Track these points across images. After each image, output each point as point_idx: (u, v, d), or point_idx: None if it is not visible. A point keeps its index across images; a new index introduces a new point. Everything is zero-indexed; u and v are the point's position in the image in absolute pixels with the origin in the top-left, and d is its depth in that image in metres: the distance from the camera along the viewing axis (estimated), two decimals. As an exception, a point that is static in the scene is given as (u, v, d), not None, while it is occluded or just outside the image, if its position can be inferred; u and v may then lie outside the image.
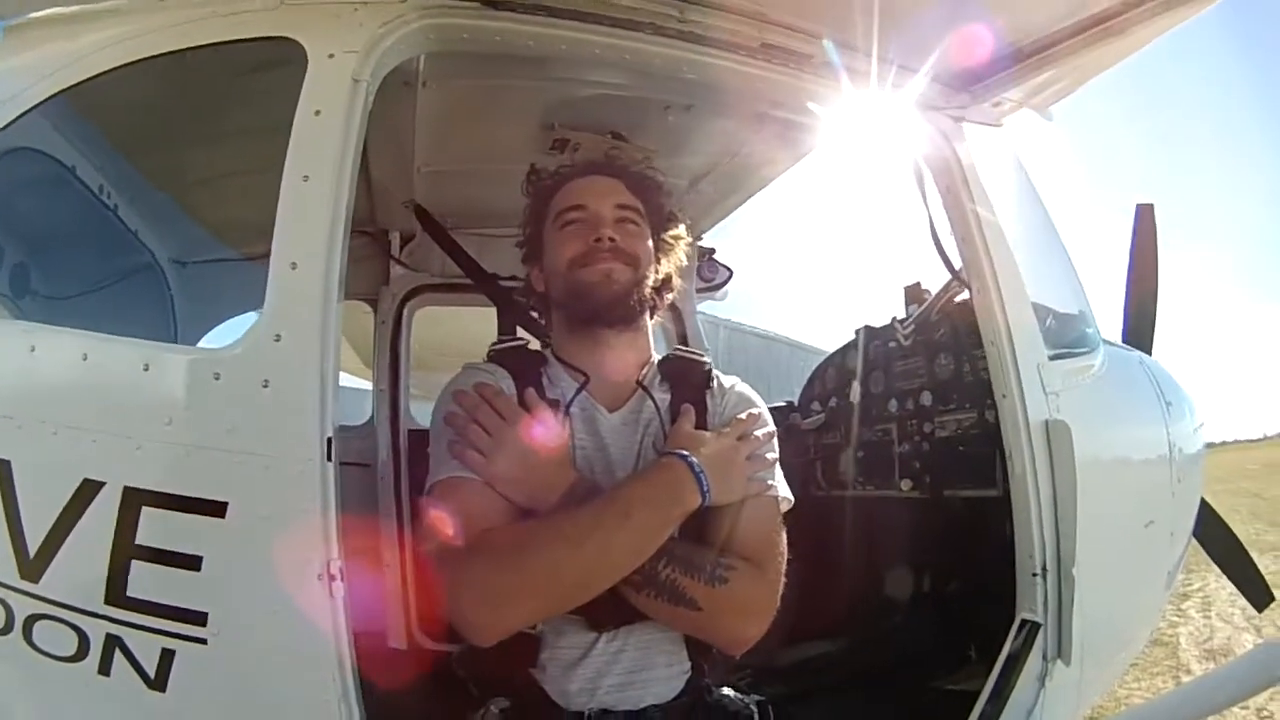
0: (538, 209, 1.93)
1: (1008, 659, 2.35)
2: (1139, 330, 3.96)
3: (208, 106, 2.40)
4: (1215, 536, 3.96)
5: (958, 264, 2.73)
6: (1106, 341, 3.07)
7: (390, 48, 1.83)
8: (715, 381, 1.90)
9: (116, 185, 2.49)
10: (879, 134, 2.62)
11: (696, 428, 1.77)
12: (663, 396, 1.83)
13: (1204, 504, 3.66)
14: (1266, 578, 4.24)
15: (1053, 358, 2.54)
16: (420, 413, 3.76)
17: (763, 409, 1.89)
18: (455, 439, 1.62)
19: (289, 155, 1.71)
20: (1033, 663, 2.34)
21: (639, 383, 1.83)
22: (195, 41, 1.83)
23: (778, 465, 1.81)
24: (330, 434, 1.60)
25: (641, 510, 1.55)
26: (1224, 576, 4.45)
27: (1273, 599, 4.31)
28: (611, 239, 1.79)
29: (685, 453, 1.63)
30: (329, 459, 1.58)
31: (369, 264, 3.78)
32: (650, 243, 1.89)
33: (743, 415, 1.80)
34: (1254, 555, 4.31)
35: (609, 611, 1.61)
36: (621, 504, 1.55)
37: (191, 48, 1.83)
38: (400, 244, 3.75)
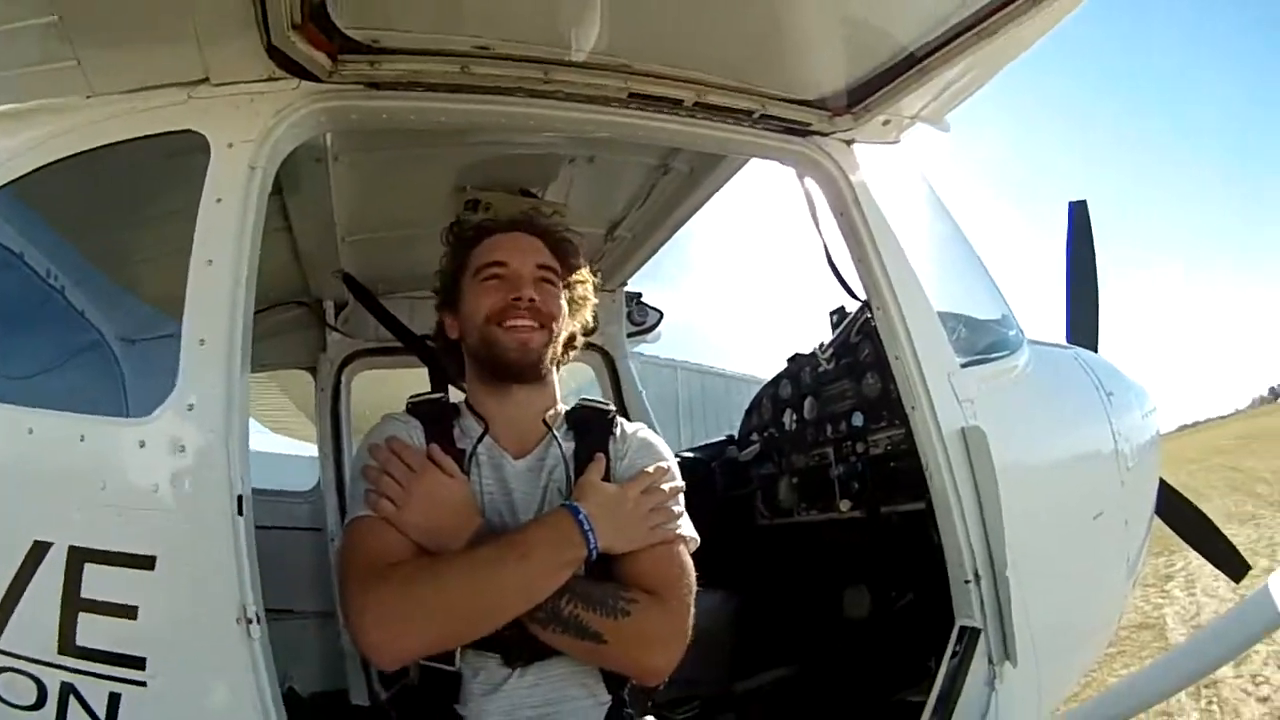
0: (458, 258, 2.21)
1: (950, 666, 2.55)
2: (1081, 327, 4.28)
3: (136, 191, 2.76)
4: (1182, 515, 4.25)
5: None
6: (1035, 341, 3.33)
7: (284, 134, 2.16)
8: (619, 429, 2.16)
9: (62, 268, 2.78)
10: (771, 165, 2.91)
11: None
12: (568, 444, 2.09)
13: (1165, 485, 3.92)
14: (1247, 547, 4.48)
15: (966, 365, 2.78)
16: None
17: (667, 455, 2.14)
18: (370, 488, 1.91)
19: (195, 241, 2.03)
20: (978, 667, 2.55)
21: (546, 429, 2.11)
22: (115, 137, 2.16)
23: (682, 509, 2.04)
24: (241, 491, 1.91)
25: (537, 551, 1.79)
26: None
27: (1248, 569, 4.59)
28: (531, 299, 2.06)
29: (577, 506, 1.87)
30: (240, 513, 1.89)
31: (306, 333, 4.16)
32: (564, 303, 2.17)
33: (650, 468, 2.03)
34: (1235, 526, 4.59)
35: (520, 646, 1.86)
36: (520, 546, 1.80)
37: (112, 143, 2.17)
38: (335, 312, 4.13)
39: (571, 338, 2.25)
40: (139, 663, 1.83)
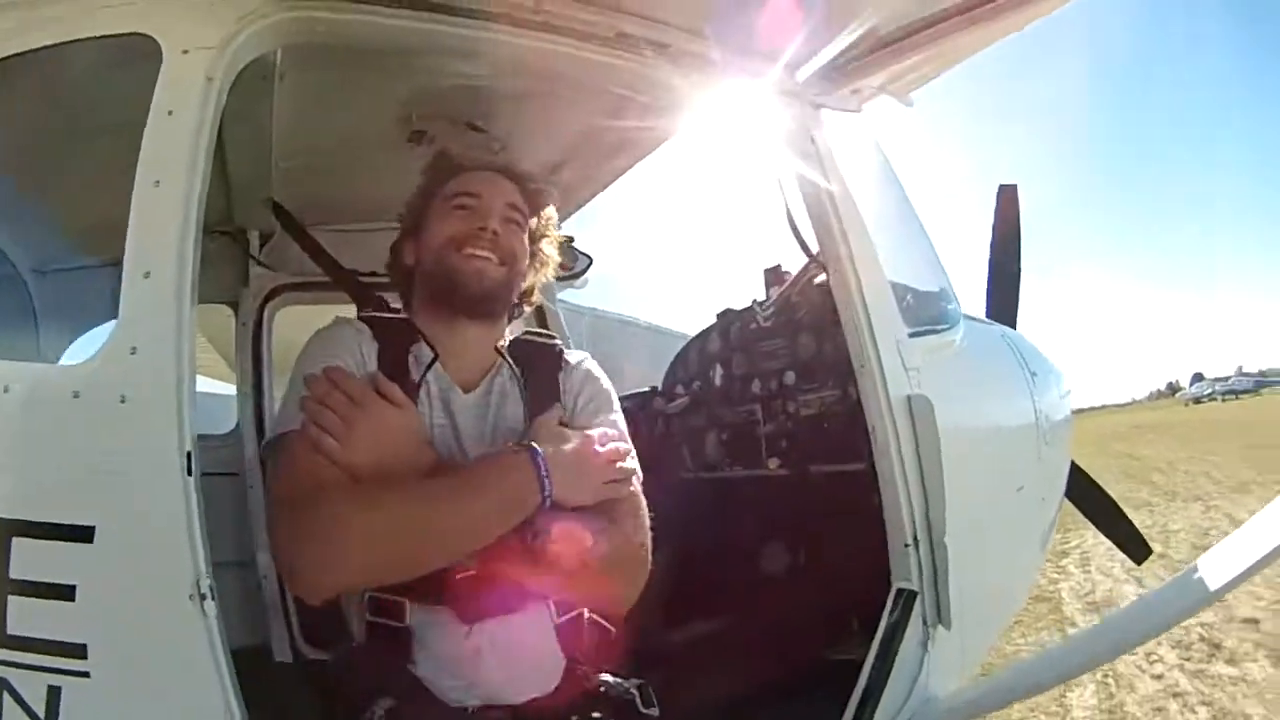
0: (430, 187, 2.03)
1: (888, 627, 2.51)
2: (1002, 305, 4.29)
3: (67, 106, 2.38)
4: (1089, 497, 4.33)
5: (815, 247, 2.87)
6: (969, 317, 3.30)
7: (245, 43, 1.84)
8: (566, 362, 2.04)
9: None
10: (737, 120, 2.76)
11: (550, 405, 1.91)
12: (515, 380, 1.95)
13: (1075, 467, 3.99)
14: (1141, 531, 4.68)
15: (912, 335, 2.72)
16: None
17: (610, 389, 2.03)
18: (311, 421, 1.65)
19: (141, 159, 1.70)
20: (914, 630, 2.52)
21: (491, 363, 1.96)
22: (54, 39, 1.81)
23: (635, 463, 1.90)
24: (190, 448, 1.61)
25: (490, 494, 1.64)
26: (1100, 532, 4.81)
27: (1150, 552, 4.76)
28: (495, 232, 1.91)
29: (538, 451, 1.70)
30: (189, 474, 1.60)
31: (228, 265, 3.74)
32: (527, 247, 2.03)
33: (610, 429, 1.89)
34: (1130, 511, 4.71)
35: (476, 604, 1.71)
36: (473, 485, 1.65)
37: (49, 45, 1.81)
38: (260, 243, 3.73)
39: (529, 290, 2.11)
40: (79, 650, 1.53)
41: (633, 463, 1.87)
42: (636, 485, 1.87)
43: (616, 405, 2.02)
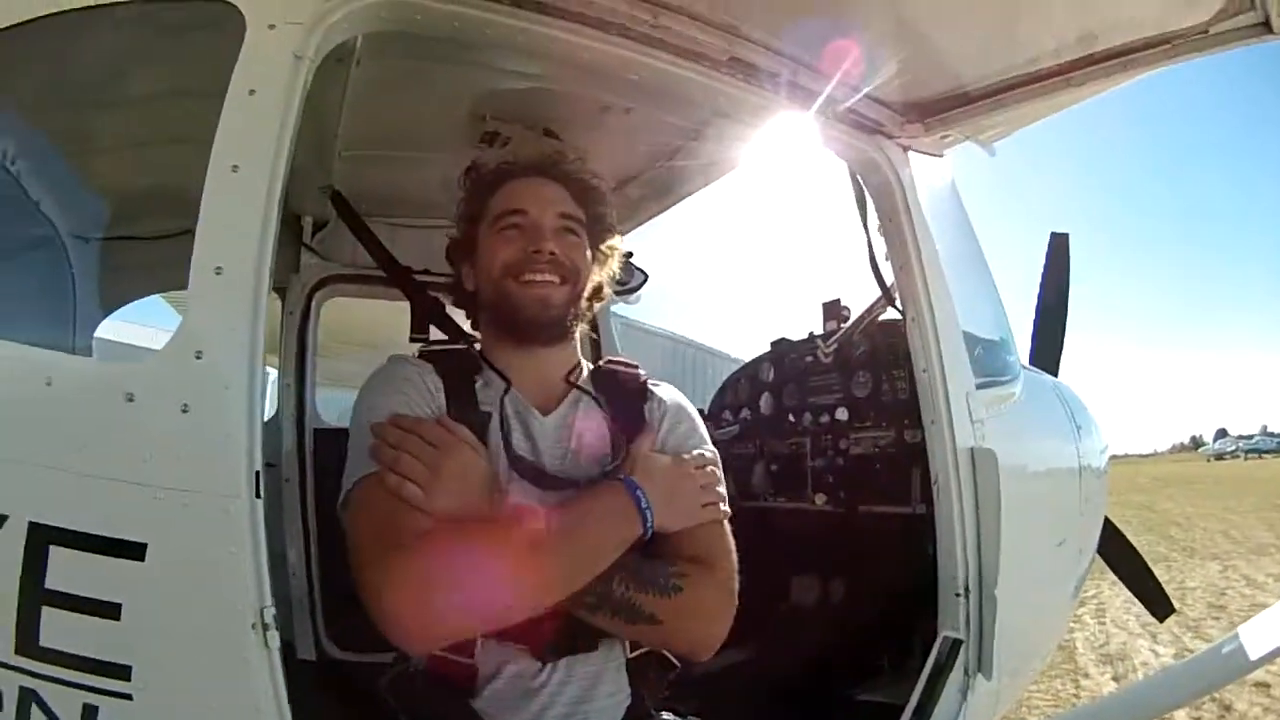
0: (474, 205, 1.85)
1: (932, 673, 2.41)
2: (1046, 354, 4.13)
3: (124, 67, 2.17)
4: (1118, 552, 4.19)
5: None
6: (1024, 367, 3.20)
7: (338, 22, 1.66)
8: (654, 391, 1.89)
9: (21, 151, 2.16)
10: (824, 156, 2.62)
11: (637, 430, 1.77)
12: (595, 402, 1.80)
13: (1108, 522, 3.85)
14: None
15: (979, 386, 2.60)
16: (322, 400, 3.58)
17: (698, 420, 1.89)
18: (389, 471, 1.51)
19: (217, 140, 1.51)
20: (955, 677, 2.41)
21: (569, 385, 1.80)
22: None
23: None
24: (259, 467, 1.43)
25: (591, 529, 1.53)
26: (1118, 584, 4.70)
27: (1173, 610, 4.63)
28: (552, 252, 1.73)
29: (634, 481, 1.59)
30: (258, 495, 1.41)
31: (279, 251, 3.50)
32: (588, 253, 1.84)
33: (702, 450, 1.78)
34: (1147, 566, 4.56)
35: (554, 641, 1.58)
36: (577, 523, 1.52)
37: (120, 2, 1.64)
38: (312, 230, 3.52)
39: (597, 289, 1.91)
40: (122, 671, 1.37)
41: (723, 488, 1.76)
42: (726, 517, 1.75)
43: (707, 438, 1.87)
